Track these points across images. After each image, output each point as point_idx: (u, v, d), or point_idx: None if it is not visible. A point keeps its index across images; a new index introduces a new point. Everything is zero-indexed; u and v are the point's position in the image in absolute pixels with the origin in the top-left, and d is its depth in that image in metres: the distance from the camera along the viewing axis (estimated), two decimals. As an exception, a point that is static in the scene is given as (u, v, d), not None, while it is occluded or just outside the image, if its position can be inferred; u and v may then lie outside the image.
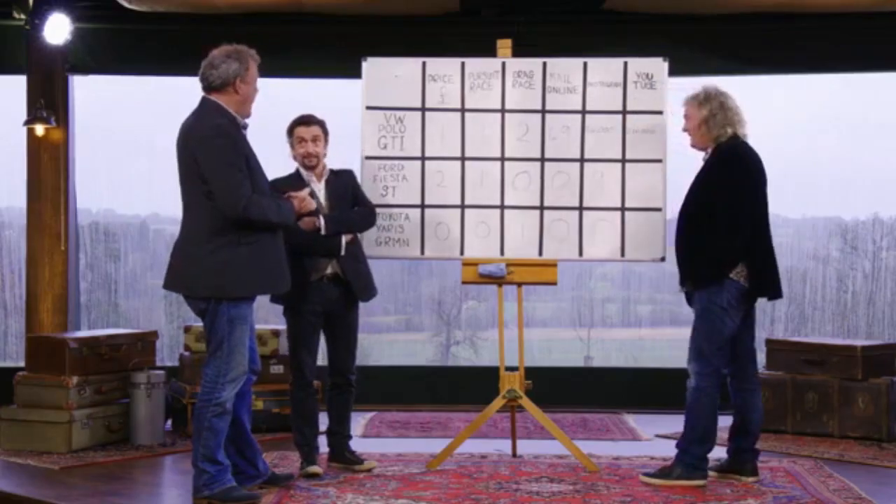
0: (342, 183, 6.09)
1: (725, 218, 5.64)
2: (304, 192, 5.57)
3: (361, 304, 6.17)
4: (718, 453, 5.98)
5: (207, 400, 5.31)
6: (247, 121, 5.41)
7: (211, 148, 5.18)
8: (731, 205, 5.65)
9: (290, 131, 6.03)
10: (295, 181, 5.93)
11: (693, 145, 5.91)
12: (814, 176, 9.15)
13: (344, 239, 5.97)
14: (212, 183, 5.16)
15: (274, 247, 5.37)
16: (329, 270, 5.97)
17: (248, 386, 5.58)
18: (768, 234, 5.83)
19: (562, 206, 6.53)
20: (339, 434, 6.14)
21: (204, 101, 5.36)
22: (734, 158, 5.73)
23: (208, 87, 5.35)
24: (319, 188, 6.01)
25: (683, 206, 5.85)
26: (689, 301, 5.90)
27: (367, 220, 6.15)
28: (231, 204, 5.13)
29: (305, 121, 6.02)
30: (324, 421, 6.15)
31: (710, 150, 5.83)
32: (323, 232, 5.88)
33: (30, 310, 8.27)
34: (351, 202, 6.09)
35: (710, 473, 5.89)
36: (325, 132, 6.05)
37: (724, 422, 5.99)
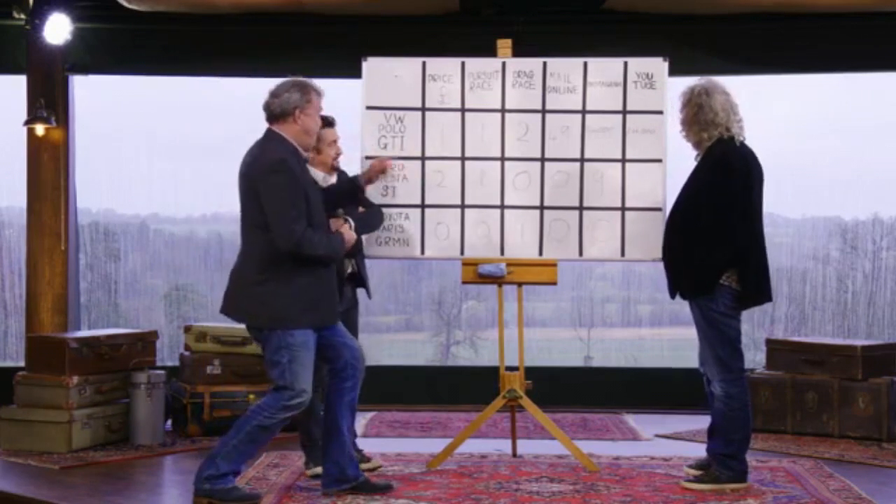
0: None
1: (712, 231, 5.58)
2: (349, 230, 5.61)
3: (361, 304, 6.24)
4: (700, 451, 6.00)
5: (260, 411, 5.35)
6: (308, 154, 5.51)
7: (272, 183, 5.26)
8: (718, 218, 5.58)
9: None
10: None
11: (685, 139, 5.90)
12: (814, 176, 9.15)
13: (364, 238, 6.06)
14: (269, 216, 5.25)
15: (325, 280, 5.43)
16: (349, 270, 6.04)
17: (352, 381, 5.55)
18: (762, 239, 5.74)
19: (562, 206, 6.53)
20: None
21: (268, 133, 5.45)
22: (720, 167, 5.64)
23: (270, 117, 5.44)
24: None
25: (671, 213, 5.83)
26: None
27: (381, 219, 6.26)
28: (285, 238, 5.22)
29: (333, 122, 6.07)
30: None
31: (701, 151, 5.79)
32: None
33: (30, 310, 8.27)
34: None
35: (692, 472, 5.90)
36: None
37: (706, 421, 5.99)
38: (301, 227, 5.25)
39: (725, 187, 5.61)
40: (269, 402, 5.36)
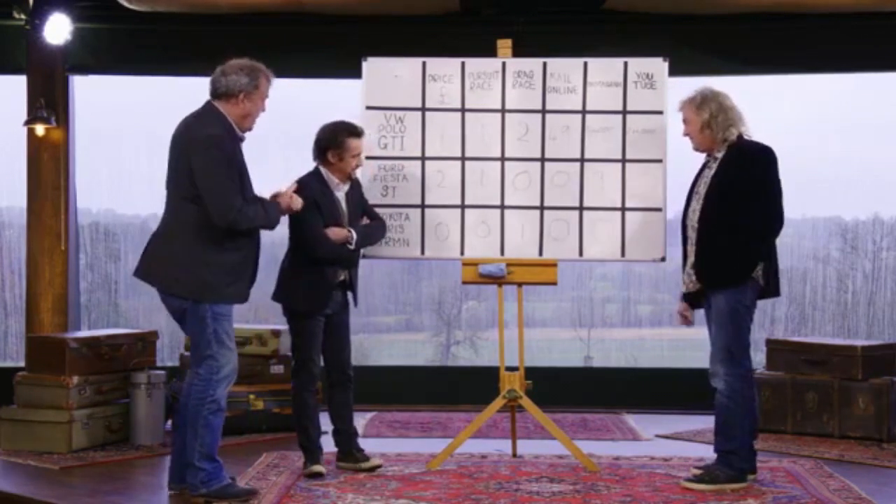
0: (357, 192, 6.17)
1: (763, 217, 5.63)
2: (292, 191, 5.61)
3: (362, 304, 6.29)
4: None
5: (202, 398, 5.35)
6: (245, 134, 5.44)
7: (206, 157, 5.23)
8: (771, 205, 5.66)
9: (342, 142, 5.96)
10: (321, 183, 5.97)
11: (696, 149, 5.85)
12: (814, 176, 9.15)
13: (362, 251, 6.12)
14: (204, 191, 5.22)
15: (253, 256, 5.45)
16: (341, 277, 6.06)
17: None
18: None
19: (562, 206, 6.53)
20: (346, 432, 6.14)
21: (207, 106, 5.40)
22: (765, 157, 5.70)
23: (214, 93, 5.39)
24: (342, 196, 6.06)
25: (707, 206, 5.71)
26: (693, 302, 5.87)
27: (383, 234, 6.31)
28: (222, 214, 5.20)
29: (362, 133, 6.07)
30: (325, 422, 6.16)
31: (720, 151, 5.76)
32: (352, 246, 5.98)
33: (30, 310, 8.28)
34: (361, 211, 6.17)
35: (698, 472, 5.88)
36: None
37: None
38: (238, 203, 5.23)
39: (776, 182, 5.70)
40: (202, 387, 5.35)
